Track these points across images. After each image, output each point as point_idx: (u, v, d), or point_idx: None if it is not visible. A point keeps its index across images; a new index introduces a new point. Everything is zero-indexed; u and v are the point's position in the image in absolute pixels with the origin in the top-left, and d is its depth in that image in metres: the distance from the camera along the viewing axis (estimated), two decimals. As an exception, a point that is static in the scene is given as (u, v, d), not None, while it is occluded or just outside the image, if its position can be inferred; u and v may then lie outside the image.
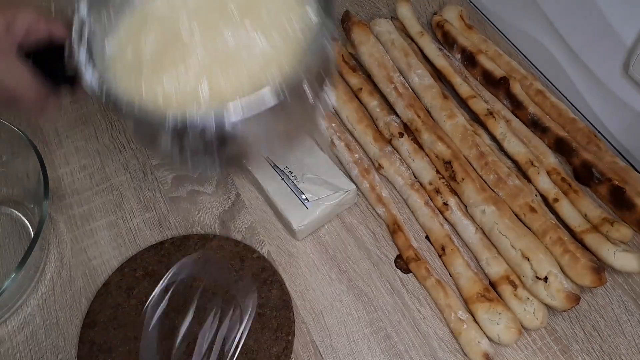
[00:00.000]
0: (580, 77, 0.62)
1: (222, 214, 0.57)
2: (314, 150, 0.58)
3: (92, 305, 0.51)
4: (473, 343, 0.48)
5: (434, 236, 0.54)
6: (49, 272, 0.54)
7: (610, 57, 0.56)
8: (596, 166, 0.56)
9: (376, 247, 0.55)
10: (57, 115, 0.65)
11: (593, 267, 0.49)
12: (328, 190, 0.55)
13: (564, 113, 0.60)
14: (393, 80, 0.62)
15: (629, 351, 0.49)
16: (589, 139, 0.58)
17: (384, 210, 0.56)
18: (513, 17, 0.68)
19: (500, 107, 0.62)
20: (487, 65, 0.63)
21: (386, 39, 0.65)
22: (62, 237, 0.57)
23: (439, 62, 0.64)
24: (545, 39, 0.64)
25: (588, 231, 0.52)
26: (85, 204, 0.59)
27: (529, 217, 0.53)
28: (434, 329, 0.50)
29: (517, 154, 0.57)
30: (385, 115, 0.61)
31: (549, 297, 0.48)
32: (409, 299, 0.52)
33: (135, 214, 0.58)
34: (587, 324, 0.50)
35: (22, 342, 0.51)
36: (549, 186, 0.55)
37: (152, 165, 0.61)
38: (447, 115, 0.59)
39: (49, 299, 0.53)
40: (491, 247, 0.53)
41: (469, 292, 0.50)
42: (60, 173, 0.61)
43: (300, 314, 0.51)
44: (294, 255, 0.55)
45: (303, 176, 0.55)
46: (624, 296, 0.51)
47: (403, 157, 0.59)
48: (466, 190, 0.55)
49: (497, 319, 0.48)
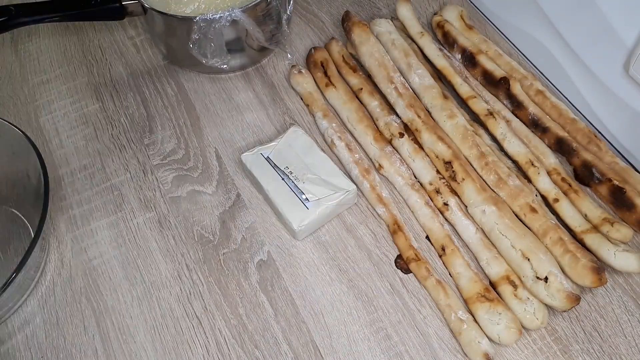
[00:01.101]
0: (580, 77, 0.62)
1: (222, 214, 0.57)
2: (314, 150, 0.58)
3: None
4: (473, 343, 0.48)
5: (434, 236, 0.54)
6: (49, 272, 0.54)
7: (610, 57, 0.56)
8: (596, 166, 0.56)
9: (376, 247, 0.55)
10: (58, 115, 0.65)
11: (593, 267, 0.49)
12: (328, 191, 0.54)
13: (564, 113, 0.60)
14: (393, 81, 0.62)
15: (629, 351, 0.49)
16: (589, 139, 0.58)
17: (384, 210, 0.56)
18: (513, 17, 0.68)
19: (501, 107, 0.62)
20: (488, 65, 0.63)
21: (386, 39, 0.65)
22: (62, 237, 0.57)
23: (439, 62, 0.64)
24: (545, 39, 0.64)
25: (588, 231, 0.52)
26: (85, 204, 0.59)
27: (529, 217, 0.53)
28: (434, 329, 0.50)
29: (517, 154, 0.57)
30: (386, 115, 0.61)
31: (549, 297, 0.48)
32: (409, 299, 0.52)
33: (136, 214, 0.58)
34: (587, 324, 0.50)
35: (22, 342, 0.51)
36: (549, 186, 0.55)
37: (152, 165, 0.61)
38: (447, 116, 0.59)
39: (49, 299, 0.53)
40: (491, 247, 0.53)
41: (469, 292, 0.50)
42: (60, 173, 0.61)
43: (300, 314, 0.51)
44: (294, 255, 0.55)
45: (303, 176, 0.55)
46: (624, 296, 0.51)
47: (403, 157, 0.59)
48: (466, 191, 0.55)
49: (498, 319, 0.48)
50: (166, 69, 0.69)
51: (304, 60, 0.69)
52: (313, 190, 0.54)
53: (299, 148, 0.58)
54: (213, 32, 0.59)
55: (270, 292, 0.53)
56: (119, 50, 0.71)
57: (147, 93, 0.67)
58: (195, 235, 0.56)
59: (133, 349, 0.50)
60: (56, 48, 0.72)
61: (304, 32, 0.72)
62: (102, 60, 0.70)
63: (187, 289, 0.53)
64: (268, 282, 0.53)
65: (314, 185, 0.55)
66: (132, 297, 0.53)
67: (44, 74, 0.69)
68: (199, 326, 0.51)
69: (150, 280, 0.54)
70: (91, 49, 0.72)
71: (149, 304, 0.52)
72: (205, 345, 0.50)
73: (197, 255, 0.55)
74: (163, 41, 0.67)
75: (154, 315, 0.52)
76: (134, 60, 0.70)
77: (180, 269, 0.54)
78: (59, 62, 0.70)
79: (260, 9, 0.61)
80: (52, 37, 0.73)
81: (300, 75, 0.65)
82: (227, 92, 0.67)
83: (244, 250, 0.55)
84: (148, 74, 0.69)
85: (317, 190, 0.54)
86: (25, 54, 0.71)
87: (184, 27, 0.60)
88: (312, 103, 0.64)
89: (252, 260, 0.54)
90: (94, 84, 0.68)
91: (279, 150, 0.58)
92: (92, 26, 0.74)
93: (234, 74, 0.68)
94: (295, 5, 0.74)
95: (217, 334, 0.51)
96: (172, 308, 0.52)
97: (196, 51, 0.61)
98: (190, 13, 0.61)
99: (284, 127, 0.63)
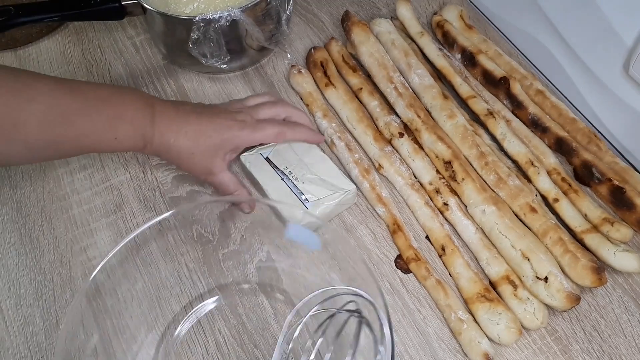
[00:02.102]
0: (580, 77, 0.62)
1: (222, 214, 0.57)
2: (313, 150, 0.58)
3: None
4: (473, 343, 0.48)
5: (434, 236, 0.54)
6: (49, 272, 0.54)
7: (610, 57, 0.56)
8: (596, 166, 0.56)
9: (376, 247, 0.55)
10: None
11: (593, 267, 0.49)
12: (328, 191, 0.54)
13: (564, 113, 0.60)
14: (393, 80, 0.62)
15: (629, 351, 0.49)
16: (589, 139, 0.58)
17: (384, 210, 0.56)
18: (513, 17, 0.68)
19: (501, 107, 0.62)
20: (487, 65, 0.63)
21: (386, 39, 0.65)
22: (62, 237, 0.57)
23: (439, 62, 0.64)
24: (545, 39, 0.64)
25: (588, 231, 0.52)
26: (85, 204, 0.59)
27: (529, 217, 0.53)
28: (434, 329, 0.50)
29: (517, 154, 0.57)
30: (386, 115, 0.61)
31: (549, 297, 0.48)
32: (409, 299, 0.52)
33: (135, 214, 0.58)
34: (587, 324, 0.50)
35: (22, 342, 0.51)
36: (549, 186, 0.55)
37: (152, 165, 0.61)
38: (447, 115, 0.59)
39: (49, 299, 0.53)
40: (491, 247, 0.53)
41: (469, 292, 0.50)
42: (60, 173, 0.61)
43: (300, 314, 0.51)
44: (294, 255, 0.54)
45: (303, 176, 0.55)
46: (624, 296, 0.51)
47: (403, 157, 0.59)
48: (466, 190, 0.55)
49: (497, 319, 0.48)
50: (166, 69, 0.69)
51: (303, 60, 0.69)
52: (312, 190, 0.54)
53: (298, 148, 0.58)
54: (212, 32, 0.59)
55: (270, 292, 0.53)
56: (118, 50, 0.71)
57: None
58: (195, 235, 0.56)
59: (133, 348, 0.50)
60: (56, 48, 0.72)
61: (303, 32, 0.72)
62: (102, 60, 0.70)
63: (187, 288, 0.53)
64: (267, 282, 0.53)
65: (313, 185, 0.55)
66: (132, 297, 0.53)
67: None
68: (198, 326, 0.51)
69: (150, 280, 0.54)
70: (91, 49, 0.71)
71: (149, 303, 0.52)
72: (205, 344, 0.50)
73: (196, 255, 0.55)
74: (162, 41, 0.67)
75: (154, 315, 0.52)
76: (134, 60, 0.70)
77: (179, 268, 0.54)
78: (59, 62, 0.70)
79: (259, 9, 0.61)
80: (51, 37, 0.73)
81: (299, 75, 0.65)
82: (227, 92, 0.67)
83: (244, 250, 0.55)
84: (147, 73, 0.69)
85: (316, 191, 0.54)
86: (25, 54, 0.71)
87: (183, 27, 0.60)
88: (311, 103, 0.64)
89: (252, 260, 0.54)
90: (93, 83, 0.68)
91: (278, 151, 0.58)
92: (91, 26, 0.74)
93: (233, 74, 0.68)
94: (295, 5, 0.74)
95: (217, 334, 0.51)
96: (172, 308, 0.52)
97: (196, 51, 0.61)
98: (190, 13, 0.61)
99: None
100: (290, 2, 0.64)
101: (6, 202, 0.59)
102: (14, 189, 0.60)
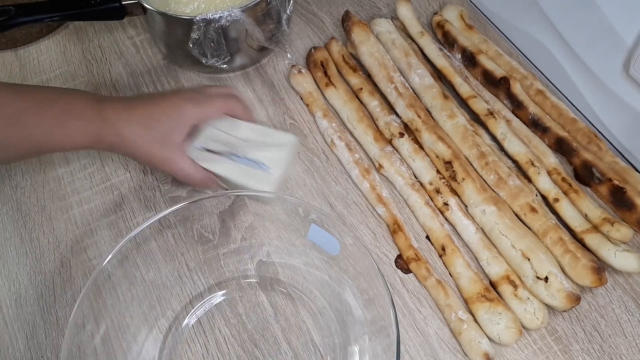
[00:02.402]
0: (580, 77, 0.62)
1: (222, 213, 0.57)
2: (236, 123, 0.56)
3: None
4: (473, 343, 0.48)
5: (434, 236, 0.54)
6: (49, 272, 0.54)
7: (610, 57, 0.56)
8: (596, 166, 0.56)
9: (376, 247, 0.55)
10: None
11: (593, 267, 0.49)
12: (277, 149, 0.54)
13: (564, 113, 0.60)
14: (393, 80, 0.62)
15: (629, 351, 0.49)
16: (590, 139, 0.58)
17: (384, 210, 0.56)
18: (513, 17, 0.68)
19: (501, 107, 0.62)
20: (488, 65, 0.63)
21: (386, 38, 0.65)
22: (63, 237, 0.57)
23: (440, 62, 0.64)
24: (545, 39, 0.64)
25: (588, 231, 0.52)
26: (85, 204, 0.59)
27: (530, 217, 0.53)
28: (434, 329, 0.50)
29: (517, 154, 0.57)
30: (386, 115, 0.61)
31: (549, 297, 0.48)
32: (409, 299, 0.52)
33: (135, 213, 0.58)
34: (587, 324, 0.50)
35: (22, 341, 0.51)
36: (550, 186, 0.55)
37: (152, 165, 0.61)
38: (447, 115, 0.59)
39: (49, 299, 0.53)
40: (491, 247, 0.53)
41: (469, 292, 0.50)
42: (60, 173, 0.61)
43: (300, 313, 0.51)
44: (293, 254, 0.55)
45: (247, 149, 0.54)
46: (625, 296, 0.51)
47: (403, 157, 0.59)
48: (466, 190, 0.55)
49: (498, 319, 0.48)
50: (166, 69, 0.69)
51: (304, 60, 0.69)
52: (264, 156, 0.54)
53: (223, 127, 0.56)
54: (213, 32, 0.59)
55: (270, 292, 0.53)
56: (118, 50, 0.71)
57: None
58: (195, 235, 0.56)
59: (133, 348, 0.50)
60: (56, 48, 0.72)
61: (303, 32, 0.72)
62: (102, 60, 0.70)
63: (187, 288, 0.53)
64: (268, 282, 0.53)
65: (261, 152, 0.54)
66: (132, 297, 0.53)
67: (43, 74, 0.69)
68: (198, 325, 0.51)
69: (150, 280, 0.54)
70: (91, 49, 0.71)
71: (149, 303, 0.52)
72: (205, 344, 0.50)
73: (196, 254, 0.55)
74: (163, 41, 0.67)
75: (154, 315, 0.52)
76: (134, 60, 0.70)
77: (180, 268, 0.54)
78: (59, 62, 0.70)
79: (260, 9, 0.61)
80: (51, 37, 0.73)
81: (300, 75, 0.65)
82: (227, 91, 0.67)
83: (244, 249, 0.55)
84: (148, 73, 0.69)
85: (268, 154, 0.54)
86: (25, 54, 0.71)
87: (183, 27, 0.60)
88: (312, 103, 0.64)
89: (252, 259, 0.54)
90: (94, 83, 0.68)
91: (208, 138, 0.55)
92: (91, 26, 0.74)
93: (233, 74, 0.68)
94: (295, 5, 0.74)
95: (217, 333, 0.51)
96: (172, 307, 0.52)
97: (196, 51, 0.61)
98: (190, 13, 0.62)
99: (283, 126, 0.63)
100: (290, 2, 0.64)
101: (6, 202, 0.59)
102: (14, 188, 0.60)
